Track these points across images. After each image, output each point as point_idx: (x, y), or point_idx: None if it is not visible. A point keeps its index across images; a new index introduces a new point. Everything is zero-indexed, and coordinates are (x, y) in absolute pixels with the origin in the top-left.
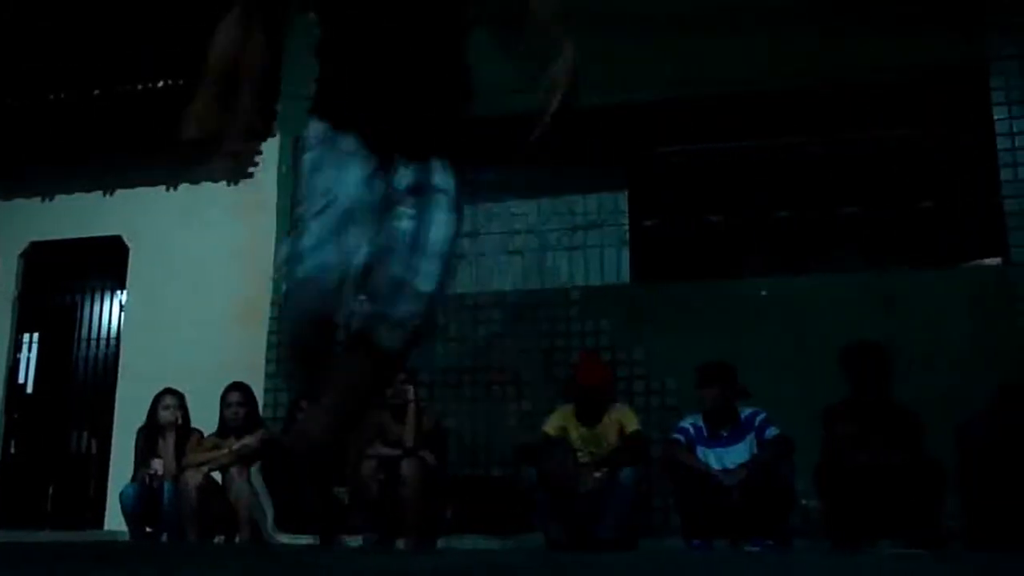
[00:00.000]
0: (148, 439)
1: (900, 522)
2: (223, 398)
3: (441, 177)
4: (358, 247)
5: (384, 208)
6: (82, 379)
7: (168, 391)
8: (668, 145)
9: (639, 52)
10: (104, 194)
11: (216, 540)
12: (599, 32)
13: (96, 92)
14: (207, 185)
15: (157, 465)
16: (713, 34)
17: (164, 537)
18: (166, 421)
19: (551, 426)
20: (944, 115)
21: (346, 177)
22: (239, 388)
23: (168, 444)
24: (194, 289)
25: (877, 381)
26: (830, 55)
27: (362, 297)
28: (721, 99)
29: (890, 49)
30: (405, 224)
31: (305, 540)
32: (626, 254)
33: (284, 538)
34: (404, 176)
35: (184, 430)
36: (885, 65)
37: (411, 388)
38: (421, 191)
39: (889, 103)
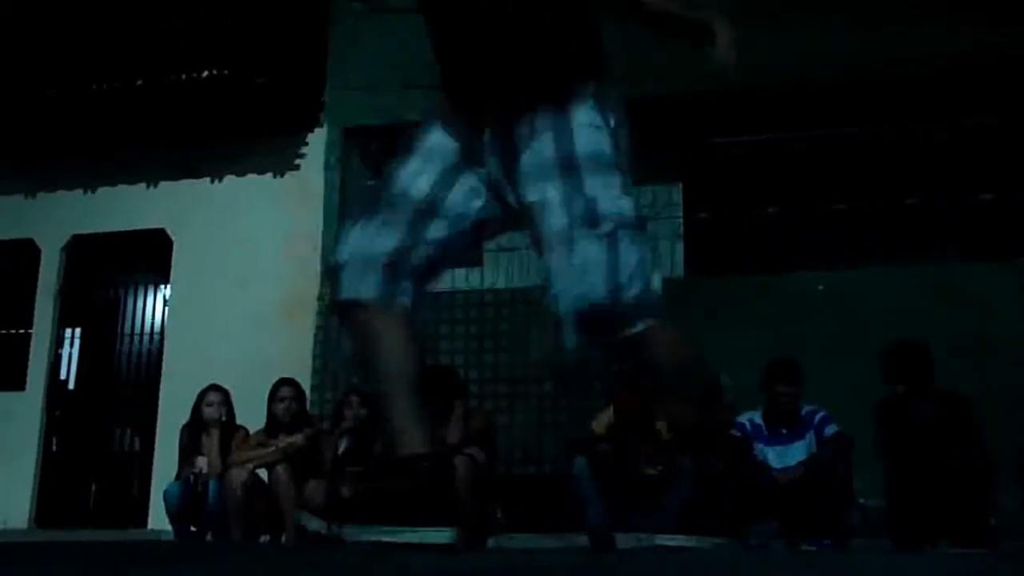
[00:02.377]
0: (192, 436)
1: (953, 519)
2: (273, 393)
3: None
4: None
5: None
6: (125, 375)
7: (213, 387)
8: (723, 136)
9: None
10: (147, 186)
11: (262, 539)
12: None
13: (139, 82)
14: (252, 177)
15: (201, 463)
16: (769, 23)
17: (208, 536)
18: (211, 418)
19: (600, 424)
20: (1005, 105)
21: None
22: (289, 383)
23: (213, 441)
24: (239, 283)
25: (919, 379)
26: (888, 44)
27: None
28: (777, 89)
29: (949, 38)
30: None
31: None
32: (680, 247)
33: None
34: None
35: (229, 427)
36: (943, 54)
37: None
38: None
39: (949, 93)
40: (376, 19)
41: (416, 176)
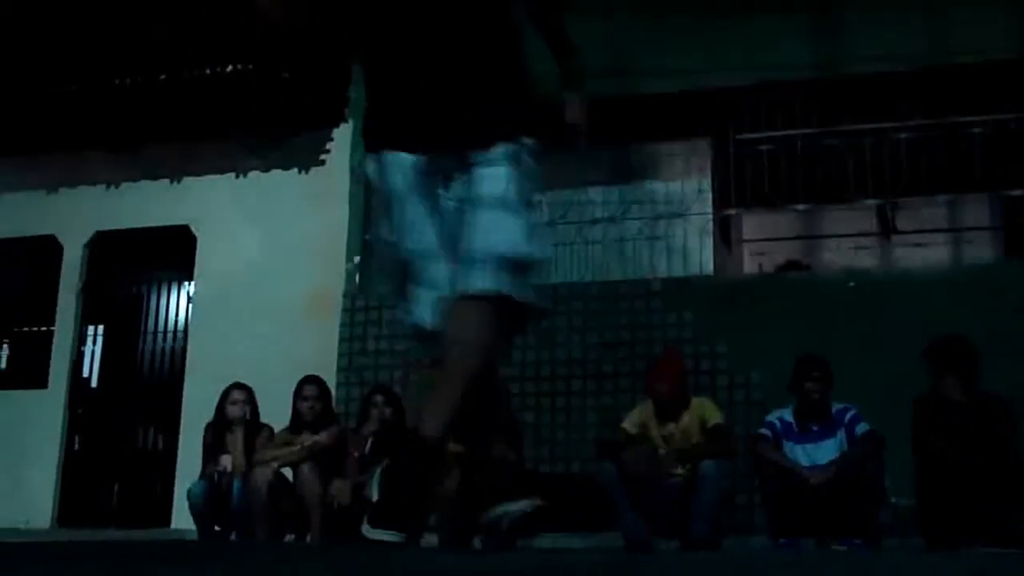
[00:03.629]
0: (216, 435)
1: (986, 520)
2: (298, 391)
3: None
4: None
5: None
6: (148, 373)
7: (237, 385)
8: (753, 131)
9: (723, 37)
10: (171, 182)
11: (287, 539)
12: (684, 16)
13: (162, 77)
14: (277, 173)
15: (226, 462)
16: (802, 17)
17: (233, 536)
18: (235, 416)
19: (631, 423)
20: None
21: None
22: (315, 381)
23: (237, 440)
24: (264, 280)
25: (965, 378)
26: (921, 38)
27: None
28: (807, 84)
29: (983, 32)
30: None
31: (390, 537)
32: (709, 244)
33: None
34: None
35: (253, 425)
36: (979, 49)
37: None
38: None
39: (984, 87)
40: None
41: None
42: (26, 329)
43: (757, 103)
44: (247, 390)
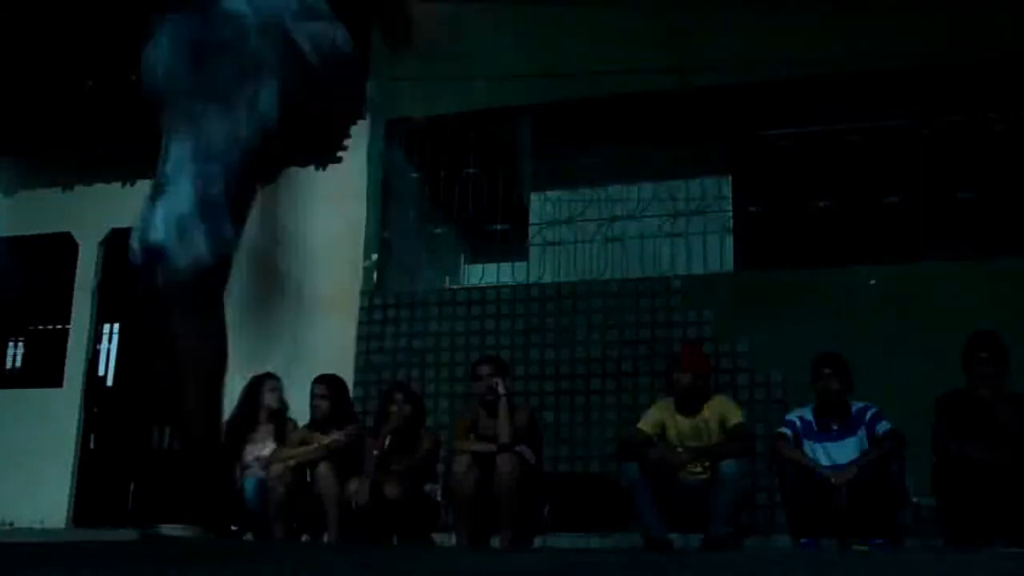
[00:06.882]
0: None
1: (1012, 520)
2: (311, 391)
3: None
4: None
5: None
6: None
7: (268, 374)
8: (774, 128)
9: (743, 32)
10: None
11: (303, 539)
12: (704, 12)
13: None
14: (293, 170)
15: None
16: (820, 13)
17: (248, 536)
18: (268, 406)
19: (647, 422)
20: None
21: None
22: (324, 381)
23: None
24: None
25: (995, 372)
26: (943, 34)
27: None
28: (828, 81)
29: (1005, 28)
30: None
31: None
32: (730, 241)
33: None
34: None
35: (282, 417)
36: (1000, 44)
37: (500, 381)
38: None
39: (1005, 84)
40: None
41: None
42: (41, 327)
43: (778, 100)
44: (275, 379)
